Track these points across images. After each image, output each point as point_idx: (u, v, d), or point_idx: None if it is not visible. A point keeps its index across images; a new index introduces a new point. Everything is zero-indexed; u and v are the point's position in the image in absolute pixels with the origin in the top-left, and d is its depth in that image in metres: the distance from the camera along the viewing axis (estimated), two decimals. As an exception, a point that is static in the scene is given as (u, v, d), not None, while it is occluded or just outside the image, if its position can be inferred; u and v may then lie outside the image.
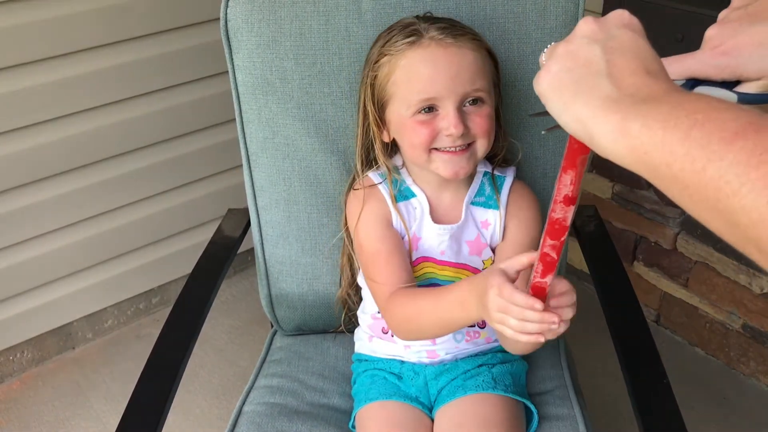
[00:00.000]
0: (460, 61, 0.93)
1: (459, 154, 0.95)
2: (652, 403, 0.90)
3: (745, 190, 0.39)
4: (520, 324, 0.73)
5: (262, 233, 1.24)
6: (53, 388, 1.89)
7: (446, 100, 0.93)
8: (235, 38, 1.13)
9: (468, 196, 1.04)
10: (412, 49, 0.94)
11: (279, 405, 1.11)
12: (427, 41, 0.94)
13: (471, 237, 1.05)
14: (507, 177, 1.07)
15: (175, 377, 0.97)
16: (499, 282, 0.75)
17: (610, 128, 0.49)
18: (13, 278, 1.81)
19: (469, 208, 1.05)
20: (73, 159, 1.78)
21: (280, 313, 1.29)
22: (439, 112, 0.94)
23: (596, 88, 0.52)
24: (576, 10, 1.12)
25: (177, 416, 1.77)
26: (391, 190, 1.04)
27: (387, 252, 1.01)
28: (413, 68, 0.94)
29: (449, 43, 0.93)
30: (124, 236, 1.96)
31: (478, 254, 1.05)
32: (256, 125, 1.17)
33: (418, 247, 1.05)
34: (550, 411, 1.08)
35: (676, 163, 0.43)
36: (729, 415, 1.73)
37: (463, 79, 0.93)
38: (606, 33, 0.56)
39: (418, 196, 1.05)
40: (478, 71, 0.95)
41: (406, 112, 0.95)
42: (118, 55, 1.75)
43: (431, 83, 0.93)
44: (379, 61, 0.98)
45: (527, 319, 0.73)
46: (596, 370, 1.79)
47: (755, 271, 1.70)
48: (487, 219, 1.05)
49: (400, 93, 0.96)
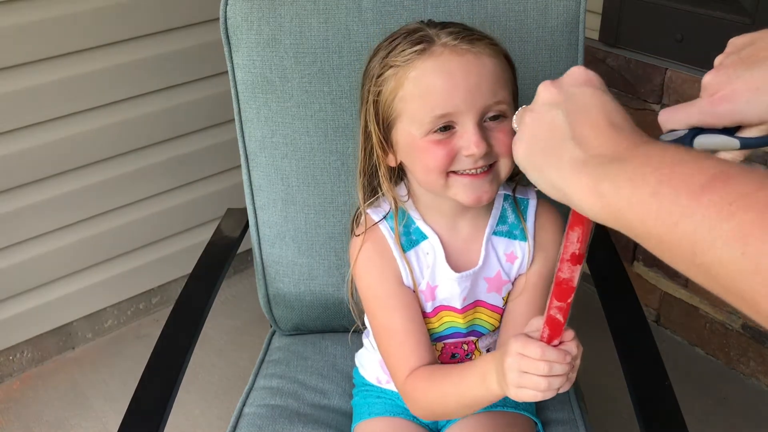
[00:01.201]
0: (479, 71, 0.80)
1: (481, 177, 0.83)
2: (653, 403, 0.90)
3: (719, 243, 0.39)
4: (546, 381, 0.70)
5: (259, 233, 1.24)
6: (53, 388, 1.89)
7: (465, 115, 0.80)
8: (235, 36, 1.13)
9: (489, 227, 0.93)
10: (422, 58, 0.81)
11: (279, 407, 1.11)
12: (440, 48, 0.81)
13: (491, 274, 0.94)
14: (530, 200, 0.95)
15: (176, 377, 0.96)
16: (523, 341, 0.71)
17: (582, 191, 0.50)
18: (13, 278, 1.81)
19: (491, 241, 0.93)
20: (73, 159, 1.78)
21: (278, 312, 1.28)
22: (457, 130, 0.81)
23: (564, 153, 0.53)
24: (577, 8, 1.11)
25: (177, 416, 1.76)
26: (397, 236, 0.92)
27: (403, 329, 0.90)
28: (425, 80, 0.81)
29: (465, 50, 0.81)
30: (124, 236, 1.96)
31: (498, 291, 0.96)
32: (255, 124, 1.17)
33: (435, 296, 0.93)
34: (551, 415, 1.08)
35: (649, 220, 0.43)
36: (729, 416, 1.73)
37: (483, 91, 0.80)
38: (565, 95, 0.57)
39: (430, 239, 0.92)
40: (499, 81, 0.82)
41: (418, 131, 0.82)
42: (118, 55, 1.75)
43: (448, 97, 0.80)
44: (383, 74, 0.84)
45: (555, 373, 0.70)
46: (596, 370, 1.79)
47: (756, 271, 1.70)
48: (513, 251, 0.94)
49: (410, 110, 0.83)
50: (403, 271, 0.92)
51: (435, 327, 0.96)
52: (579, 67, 0.60)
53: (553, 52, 1.12)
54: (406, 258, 0.91)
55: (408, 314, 0.91)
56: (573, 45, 1.13)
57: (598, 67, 1.81)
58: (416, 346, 0.89)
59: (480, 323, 0.98)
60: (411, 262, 0.92)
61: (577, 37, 1.13)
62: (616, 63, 1.78)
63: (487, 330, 0.99)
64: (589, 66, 0.63)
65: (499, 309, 0.97)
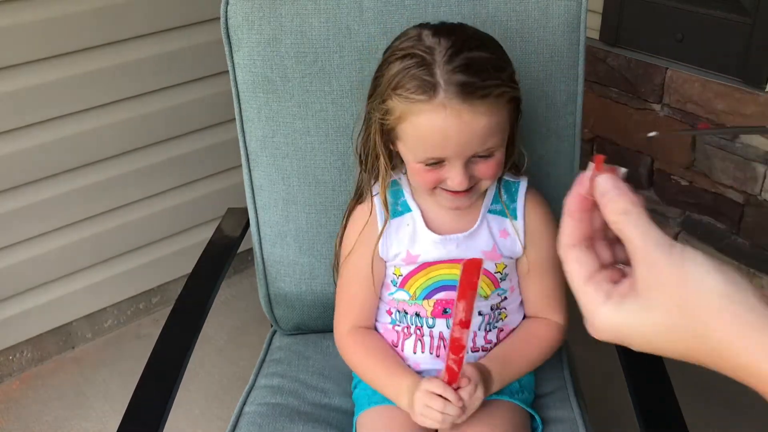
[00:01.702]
0: (471, 131, 0.87)
1: (462, 195, 0.95)
2: (653, 404, 0.90)
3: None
4: (441, 415, 0.91)
5: (260, 233, 1.24)
6: (53, 388, 1.89)
7: (453, 159, 0.90)
8: (236, 36, 1.13)
9: (485, 205, 1.02)
10: (421, 106, 0.87)
11: (280, 405, 1.11)
12: (441, 103, 0.85)
13: (487, 247, 1.02)
14: (521, 183, 1.04)
15: (176, 377, 0.96)
16: (434, 383, 0.92)
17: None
18: (13, 278, 1.81)
19: (486, 217, 1.02)
20: (74, 159, 1.78)
21: (279, 312, 1.28)
22: (446, 165, 0.91)
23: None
24: (578, 8, 1.11)
25: (177, 416, 1.76)
26: (384, 202, 1.02)
27: (356, 292, 1.07)
28: (422, 129, 0.88)
29: (465, 111, 0.86)
30: (125, 236, 1.96)
31: (494, 260, 1.03)
32: (255, 123, 1.17)
33: (418, 262, 1.02)
34: (551, 414, 1.08)
35: None
36: (729, 416, 1.73)
37: (473, 145, 0.88)
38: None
39: (413, 212, 1.02)
40: (492, 131, 0.89)
41: (412, 158, 0.93)
42: (118, 54, 1.75)
43: (440, 148, 0.89)
44: (386, 102, 0.91)
45: (448, 412, 0.91)
46: (596, 369, 1.79)
47: (755, 272, 1.70)
48: (505, 228, 1.02)
49: (408, 141, 0.92)
50: (382, 241, 1.02)
51: (423, 282, 1.02)
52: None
53: (554, 52, 1.12)
54: (386, 232, 1.02)
55: (366, 283, 1.04)
56: (574, 45, 1.13)
57: (599, 66, 1.81)
58: (360, 311, 1.07)
59: None
60: (391, 232, 1.02)
61: (578, 37, 1.13)
62: (617, 63, 1.78)
63: (480, 294, 1.03)
64: (590, 66, 0.62)
65: (492, 276, 1.03)
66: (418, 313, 1.04)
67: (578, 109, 1.17)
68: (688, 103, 1.67)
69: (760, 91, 1.55)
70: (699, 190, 1.75)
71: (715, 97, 1.62)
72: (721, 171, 1.68)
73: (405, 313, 1.05)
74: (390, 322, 1.08)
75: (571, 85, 1.15)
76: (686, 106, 1.68)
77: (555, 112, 1.16)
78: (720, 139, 1.66)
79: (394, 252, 1.03)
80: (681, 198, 1.79)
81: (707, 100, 1.63)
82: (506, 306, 1.06)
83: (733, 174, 1.66)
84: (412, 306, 1.04)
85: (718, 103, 1.61)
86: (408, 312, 1.05)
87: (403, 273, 1.03)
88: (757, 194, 1.64)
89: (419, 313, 1.04)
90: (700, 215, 1.77)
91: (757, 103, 1.55)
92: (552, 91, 1.14)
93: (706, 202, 1.74)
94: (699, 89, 1.64)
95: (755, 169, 1.61)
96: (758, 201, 1.64)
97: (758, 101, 1.54)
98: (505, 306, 1.06)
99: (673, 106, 1.71)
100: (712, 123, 1.65)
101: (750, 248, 1.68)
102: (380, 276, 1.05)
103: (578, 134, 1.18)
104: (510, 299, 1.06)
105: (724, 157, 1.66)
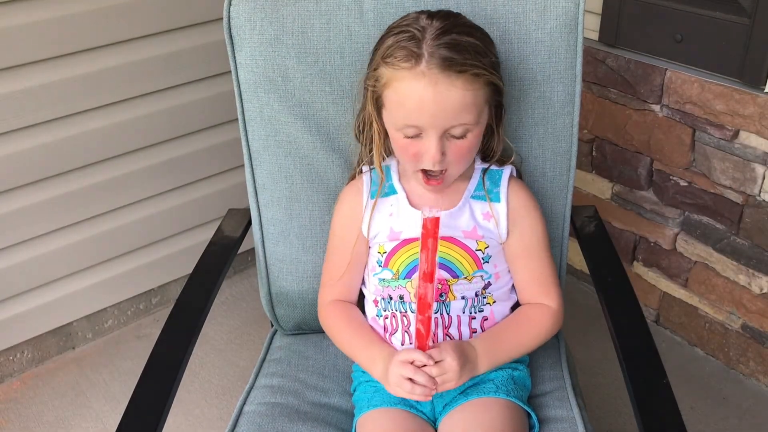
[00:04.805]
0: (445, 100, 0.93)
1: (435, 182, 1.02)
2: (652, 403, 0.90)
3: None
4: (410, 385, 0.93)
5: (263, 231, 1.24)
6: (53, 388, 1.89)
7: (429, 130, 0.95)
8: (238, 36, 1.13)
9: (468, 190, 1.07)
10: (404, 73, 0.94)
11: (280, 405, 1.11)
12: (422, 71, 0.92)
13: (468, 227, 1.05)
14: (504, 170, 1.09)
15: (175, 377, 0.97)
16: (408, 353, 0.94)
17: None
18: (13, 278, 1.82)
19: (469, 201, 1.06)
20: (74, 159, 1.79)
21: (280, 311, 1.29)
22: (423, 138, 0.96)
23: None
24: (576, 10, 1.12)
25: (177, 416, 1.77)
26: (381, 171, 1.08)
27: (340, 267, 1.11)
28: (402, 94, 0.95)
29: (442, 80, 0.92)
30: (125, 236, 1.96)
31: (474, 239, 1.06)
32: (258, 123, 1.18)
33: (400, 238, 1.06)
34: (550, 413, 1.08)
35: None
36: (729, 416, 1.73)
37: (447, 116, 0.94)
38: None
39: (398, 194, 1.08)
40: (465, 108, 0.95)
41: (393, 125, 0.99)
42: (120, 55, 1.75)
43: (416, 115, 0.95)
44: (377, 70, 0.98)
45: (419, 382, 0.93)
46: (596, 370, 1.79)
47: (754, 272, 1.70)
48: (488, 211, 1.06)
49: (390, 106, 0.98)
50: (365, 218, 1.08)
51: (405, 259, 1.06)
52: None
53: (551, 53, 1.13)
54: (372, 213, 1.07)
55: (348, 252, 1.10)
56: (572, 46, 1.13)
57: (598, 67, 1.81)
58: (342, 284, 1.12)
59: (454, 261, 1.05)
60: (375, 211, 1.08)
61: (575, 39, 1.13)
62: (616, 63, 1.79)
63: (461, 273, 1.05)
64: (589, 66, 0.62)
65: (474, 254, 1.06)
66: (402, 297, 1.06)
67: (576, 110, 1.17)
68: (687, 104, 1.67)
69: (759, 91, 1.55)
70: (698, 191, 1.75)
71: (714, 97, 1.62)
72: (720, 171, 1.68)
73: (390, 299, 1.07)
74: (377, 314, 1.09)
75: (568, 86, 1.15)
76: (685, 106, 1.68)
77: (553, 113, 1.16)
78: (719, 140, 1.66)
79: (377, 230, 1.08)
80: (680, 198, 1.80)
81: (706, 101, 1.64)
82: (492, 292, 1.07)
83: (732, 174, 1.66)
84: (396, 289, 1.06)
85: (717, 103, 1.61)
86: (392, 297, 1.07)
87: (386, 250, 1.07)
88: (756, 195, 1.64)
89: (403, 297, 1.06)
90: (699, 216, 1.77)
91: (756, 104, 1.55)
92: (550, 92, 1.15)
93: (705, 202, 1.75)
94: (698, 90, 1.64)
95: (754, 170, 1.61)
96: (757, 201, 1.64)
97: (757, 102, 1.55)
98: (491, 292, 1.07)
99: (672, 107, 1.71)
100: (711, 123, 1.66)
101: (749, 248, 1.69)
102: (363, 252, 1.10)
103: (575, 135, 1.19)
104: (495, 285, 1.08)
105: (723, 158, 1.66)
